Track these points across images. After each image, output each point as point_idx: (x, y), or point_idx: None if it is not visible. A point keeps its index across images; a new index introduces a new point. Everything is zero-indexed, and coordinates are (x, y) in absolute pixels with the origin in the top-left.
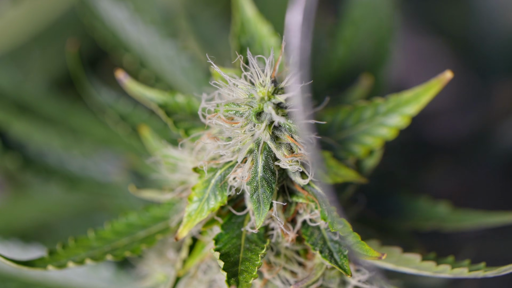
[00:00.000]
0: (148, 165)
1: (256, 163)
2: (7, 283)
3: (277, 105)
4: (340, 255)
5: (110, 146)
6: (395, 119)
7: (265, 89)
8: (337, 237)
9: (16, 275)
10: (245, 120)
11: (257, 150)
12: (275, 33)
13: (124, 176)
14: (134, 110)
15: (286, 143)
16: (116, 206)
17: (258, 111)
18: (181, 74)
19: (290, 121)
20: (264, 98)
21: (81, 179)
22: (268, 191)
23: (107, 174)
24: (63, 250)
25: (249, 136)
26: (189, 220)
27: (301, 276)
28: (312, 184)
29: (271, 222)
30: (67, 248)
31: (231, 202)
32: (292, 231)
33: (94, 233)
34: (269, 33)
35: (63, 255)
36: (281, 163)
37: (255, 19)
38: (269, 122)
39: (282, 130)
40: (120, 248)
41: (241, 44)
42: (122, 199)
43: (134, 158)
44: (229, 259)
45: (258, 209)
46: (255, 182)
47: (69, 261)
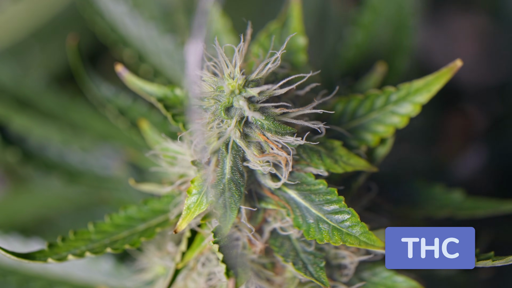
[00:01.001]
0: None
1: (223, 163)
2: (8, 276)
3: (248, 99)
4: (315, 267)
5: (110, 140)
6: (406, 107)
7: (235, 81)
8: (311, 248)
9: (17, 268)
10: (212, 116)
11: (224, 150)
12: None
13: (124, 170)
14: (133, 104)
15: (255, 142)
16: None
17: (227, 105)
18: (180, 68)
19: (263, 117)
20: (234, 91)
21: (81, 173)
22: (237, 195)
23: (107, 168)
24: (63, 243)
25: (215, 134)
26: (188, 213)
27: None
28: (284, 188)
29: (235, 232)
30: (67, 241)
31: None
32: (260, 241)
33: (93, 226)
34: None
35: (63, 248)
36: (251, 164)
37: None
38: (239, 118)
39: (252, 127)
40: (119, 241)
41: None
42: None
43: (134, 152)
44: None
45: (224, 215)
46: (221, 185)
47: (69, 254)
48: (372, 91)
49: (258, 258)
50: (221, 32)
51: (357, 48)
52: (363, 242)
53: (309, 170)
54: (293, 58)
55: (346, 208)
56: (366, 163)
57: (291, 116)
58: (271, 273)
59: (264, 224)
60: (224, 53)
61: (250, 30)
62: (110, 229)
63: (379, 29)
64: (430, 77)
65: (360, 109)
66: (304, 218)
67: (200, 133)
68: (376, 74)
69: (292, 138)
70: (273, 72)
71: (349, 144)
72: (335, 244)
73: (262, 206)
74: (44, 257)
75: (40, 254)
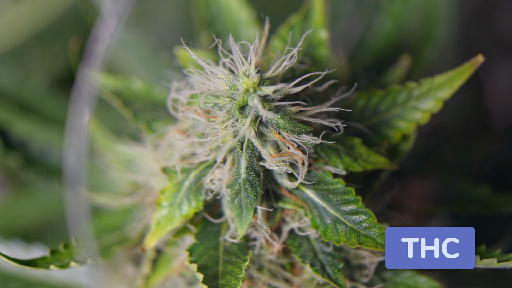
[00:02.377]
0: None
1: (238, 163)
2: (10, 283)
3: (263, 98)
4: (333, 269)
5: None
6: (428, 103)
7: (249, 79)
8: (330, 248)
9: (19, 274)
10: (226, 115)
11: (239, 149)
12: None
13: None
14: None
15: (272, 141)
16: None
17: (241, 104)
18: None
19: (278, 116)
20: (249, 89)
21: None
22: (252, 195)
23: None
24: (66, 250)
25: (231, 133)
26: (158, 228)
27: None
28: (302, 188)
29: (252, 232)
30: (69, 247)
31: (206, 208)
32: (278, 242)
33: None
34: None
35: (65, 255)
36: (267, 163)
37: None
38: (254, 117)
39: (268, 126)
40: None
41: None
42: None
43: None
44: (207, 272)
45: (240, 215)
46: (236, 185)
47: (72, 261)
48: (394, 87)
49: (276, 258)
50: (244, 24)
51: (386, 38)
52: (379, 244)
53: (327, 168)
54: (314, 53)
55: (364, 209)
56: (387, 160)
57: (308, 114)
58: (290, 274)
59: (282, 224)
60: (249, 46)
61: (268, 25)
62: None
63: (408, 18)
64: (452, 72)
65: (381, 105)
66: (321, 219)
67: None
68: (401, 67)
69: (309, 137)
70: (291, 68)
71: (370, 141)
72: (351, 246)
73: (279, 205)
74: (46, 264)
75: (42, 261)
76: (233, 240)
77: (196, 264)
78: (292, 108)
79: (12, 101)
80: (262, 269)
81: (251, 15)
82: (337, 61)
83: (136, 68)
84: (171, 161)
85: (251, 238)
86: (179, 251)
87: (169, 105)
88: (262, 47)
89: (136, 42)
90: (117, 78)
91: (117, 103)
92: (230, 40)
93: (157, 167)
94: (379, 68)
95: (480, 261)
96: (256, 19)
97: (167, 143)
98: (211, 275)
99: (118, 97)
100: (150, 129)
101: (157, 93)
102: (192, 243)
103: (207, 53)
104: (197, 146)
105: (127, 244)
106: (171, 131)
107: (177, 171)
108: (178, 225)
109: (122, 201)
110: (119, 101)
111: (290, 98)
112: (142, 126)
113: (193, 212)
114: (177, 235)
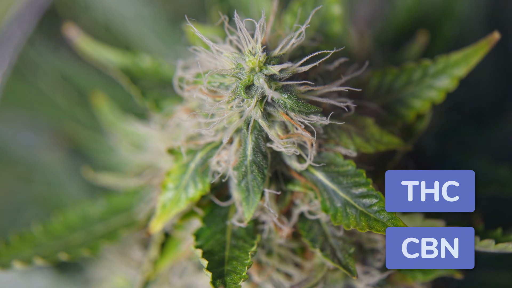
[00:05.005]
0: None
1: (245, 144)
2: None
3: (270, 77)
4: (344, 254)
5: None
6: (444, 81)
7: (255, 58)
8: (341, 232)
9: None
10: (232, 95)
11: (246, 130)
12: None
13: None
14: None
15: (280, 121)
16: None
17: (247, 84)
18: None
19: (285, 96)
20: (254, 68)
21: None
22: (259, 177)
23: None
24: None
25: (237, 113)
26: (164, 212)
27: (297, 279)
28: (311, 170)
29: (261, 215)
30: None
31: (214, 190)
32: (287, 225)
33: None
34: None
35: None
36: (274, 144)
37: None
38: (261, 97)
39: (275, 106)
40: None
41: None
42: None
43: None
44: (213, 257)
45: (247, 199)
46: (243, 167)
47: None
48: (408, 64)
49: (286, 242)
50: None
51: (407, 12)
52: None
53: (338, 149)
54: (327, 29)
55: (375, 192)
56: (401, 141)
57: (317, 93)
58: (300, 258)
59: (292, 207)
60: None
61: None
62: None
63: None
64: (468, 49)
65: (396, 83)
66: (331, 202)
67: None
68: (418, 44)
69: (317, 117)
70: (300, 46)
71: (383, 120)
72: (361, 230)
73: (289, 188)
74: None
75: None
76: (241, 224)
77: (201, 250)
78: (300, 87)
79: None
80: (272, 253)
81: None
82: (354, 37)
83: (152, 42)
84: (177, 142)
85: (260, 221)
86: (187, 234)
87: (176, 84)
88: (271, 24)
89: (153, 15)
90: (125, 54)
91: (125, 81)
92: (235, 17)
93: (164, 147)
94: (398, 44)
95: (495, 245)
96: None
97: (174, 123)
98: (216, 261)
99: (126, 74)
100: (157, 107)
101: (167, 70)
102: (199, 227)
103: (216, 29)
104: (203, 126)
105: (134, 227)
106: (178, 110)
107: (182, 152)
108: (184, 208)
109: (129, 182)
110: (127, 78)
111: (299, 77)
112: (150, 104)
113: (199, 194)
114: (184, 218)
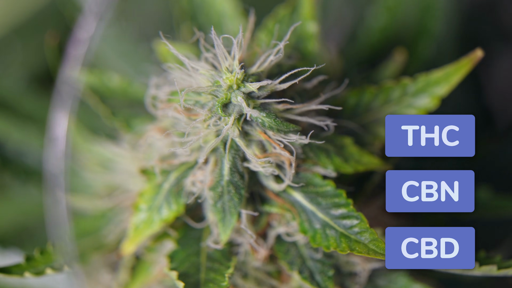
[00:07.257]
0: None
1: (221, 164)
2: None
3: (248, 95)
4: (323, 276)
5: None
6: (424, 99)
7: (233, 75)
8: (319, 255)
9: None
10: (208, 113)
11: (223, 149)
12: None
13: None
14: None
15: (257, 140)
16: None
17: (224, 101)
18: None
19: (264, 114)
20: (232, 86)
21: None
22: (236, 198)
23: None
24: (42, 256)
25: (213, 132)
26: (136, 233)
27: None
28: (289, 190)
29: (237, 237)
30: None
31: (188, 212)
32: (264, 248)
33: None
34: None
35: (41, 261)
36: (252, 164)
37: None
38: (238, 115)
39: (253, 124)
40: None
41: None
42: None
43: None
44: (188, 280)
45: (223, 220)
46: (219, 187)
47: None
48: (387, 83)
49: (262, 265)
50: (228, 16)
51: (381, 32)
52: (371, 251)
53: (316, 170)
54: (303, 47)
55: (355, 213)
56: (380, 161)
57: (295, 112)
58: (276, 281)
59: (269, 229)
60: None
61: (253, 18)
62: None
63: (404, 10)
64: (449, 67)
65: (374, 102)
66: (310, 223)
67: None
68: (395, 62)
69: (296, 136)
70: (277, 63)
71: (362, 140)
72: (342, 252)
73: (265, 209)
74: (20, 271)
75: (16, 268)
76: (216, 246)
77: (176, 272)
78: (278, 105)
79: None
80: (247, 276)
81: (236, 7)
82: (328, 56)
83: (116, 63)
84: (150, 162)
85: (236, 243)
86: (159, 257)
87: (148, 103)
88: (247, 41)
89: (116, 36)
90: (93, 73)
91: (93, 100)
92: (212, 34)
93: (135, 168)
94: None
95: (480, 267)
96: (243, 11)
97: (146, 143)
98: (192, 283)
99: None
100: (128, 126)
101: (136, 89)
102: (173, 249)
103: (189, 47)
104: (178, 146)
105: (103, 249)
106: (150, 130)
107: (156, 172)
108: (157, 229)
109: (98, 204)
110: (95, 97)
111: (276, 95)
112: (120, 123)
113: (173, 216)
114: (157, 240)
